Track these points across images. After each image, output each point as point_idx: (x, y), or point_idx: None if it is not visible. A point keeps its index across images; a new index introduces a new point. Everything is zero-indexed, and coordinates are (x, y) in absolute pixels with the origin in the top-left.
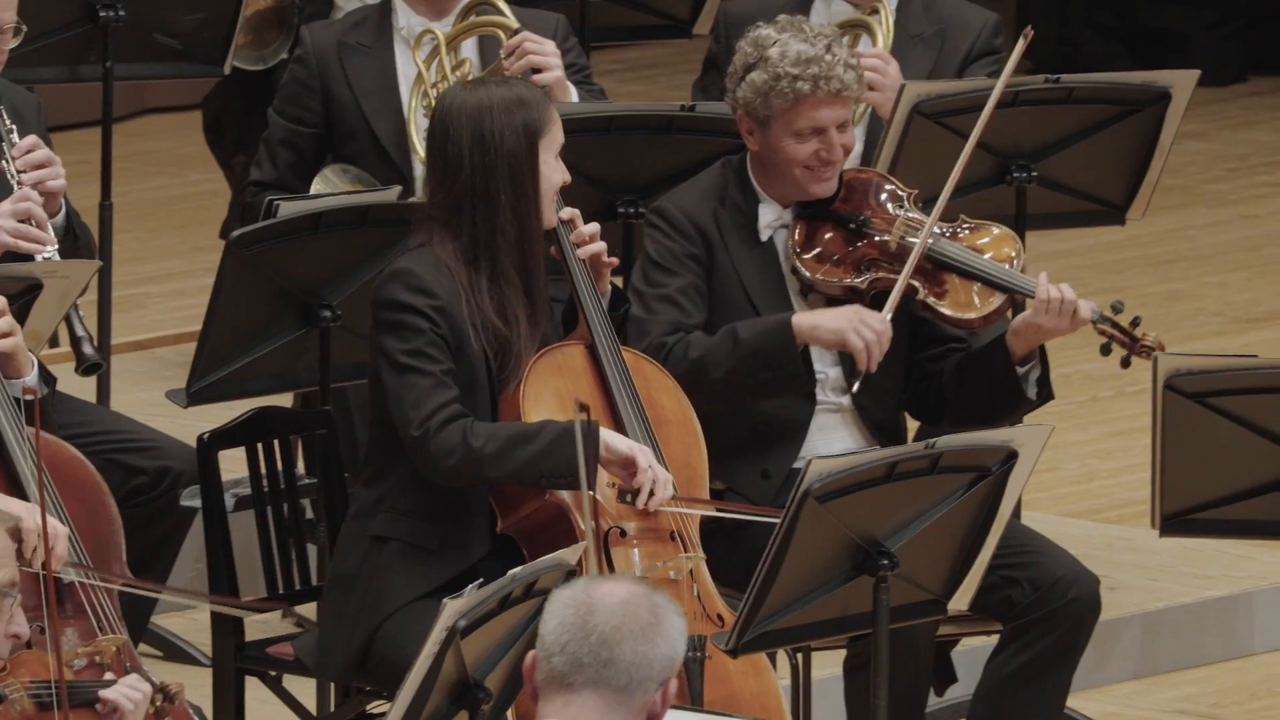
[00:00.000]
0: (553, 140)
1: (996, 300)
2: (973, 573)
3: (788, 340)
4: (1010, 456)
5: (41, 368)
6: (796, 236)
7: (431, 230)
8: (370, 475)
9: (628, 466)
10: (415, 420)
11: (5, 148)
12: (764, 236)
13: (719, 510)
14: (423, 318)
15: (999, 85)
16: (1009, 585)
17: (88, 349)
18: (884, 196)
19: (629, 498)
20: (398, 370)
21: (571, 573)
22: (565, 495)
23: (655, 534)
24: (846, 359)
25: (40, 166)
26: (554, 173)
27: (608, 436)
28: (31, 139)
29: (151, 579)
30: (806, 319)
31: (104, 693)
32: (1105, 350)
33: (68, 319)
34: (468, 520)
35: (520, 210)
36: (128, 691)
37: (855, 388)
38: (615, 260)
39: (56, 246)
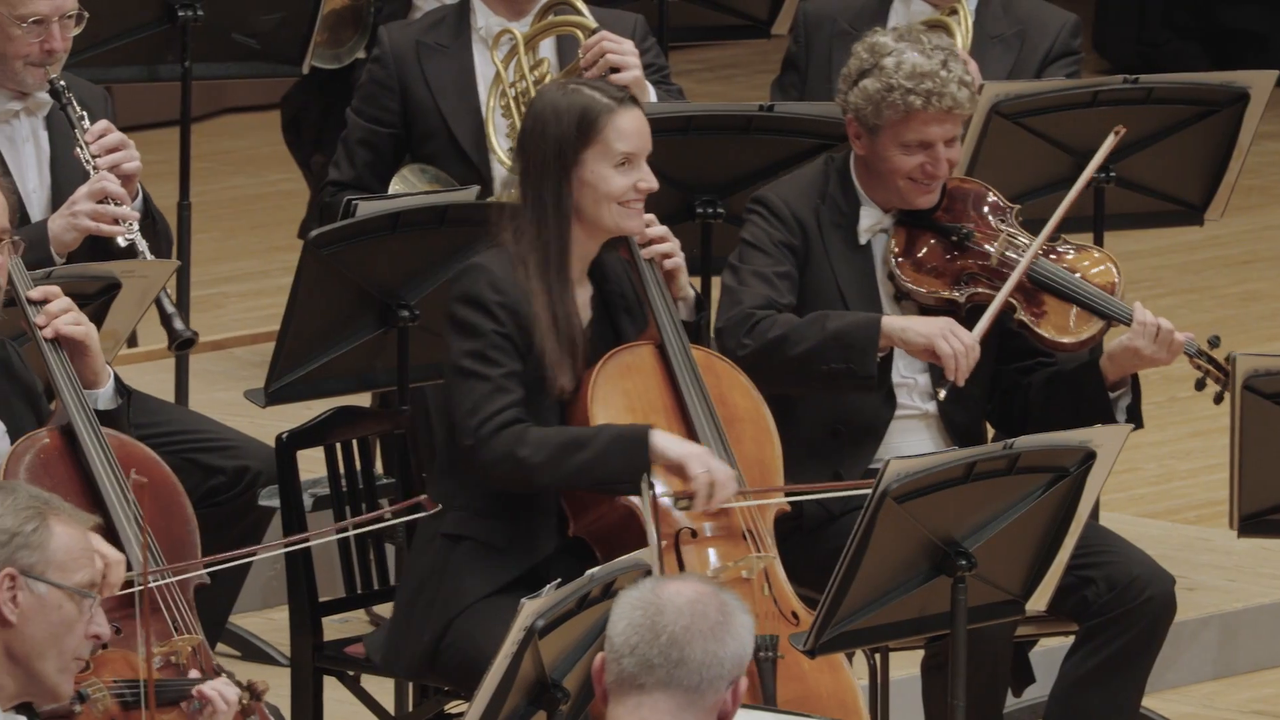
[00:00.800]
0: (605, 149)
1: (1094, 326)
2: (1051, 573)
3: (872, 337)
4: (1088, 457)
5: (117, 379)
6: (896, 243)
7: (513, 225)
8: (441, 473)
9: (679, 472)
10: (469, 428)
11: (78, 134)
12: (863, 240)
13: (786, 496)
14: (489, 316)
15: (1074, 191)
16: (1085, 585)
17: (179, 324)
18: (987, 209)
19: (685, 503)
20: (458, 373)
21: (648, 573)
22: (634, 498)
23: (727, 533)
24: (936, 368)
25: (114, 150)
26: (602, 181)
27: (657, 441)
28: (104, 123)
29: (229, 579)
30: (897, 321)
31: (203, 686)
32: (1200, 385)
33: (157, 300)
34: (536, 518)
35: (541, 217)
36: (225, 690)
37: (942, 396)
38: (681, 261)
39: (137, 228)
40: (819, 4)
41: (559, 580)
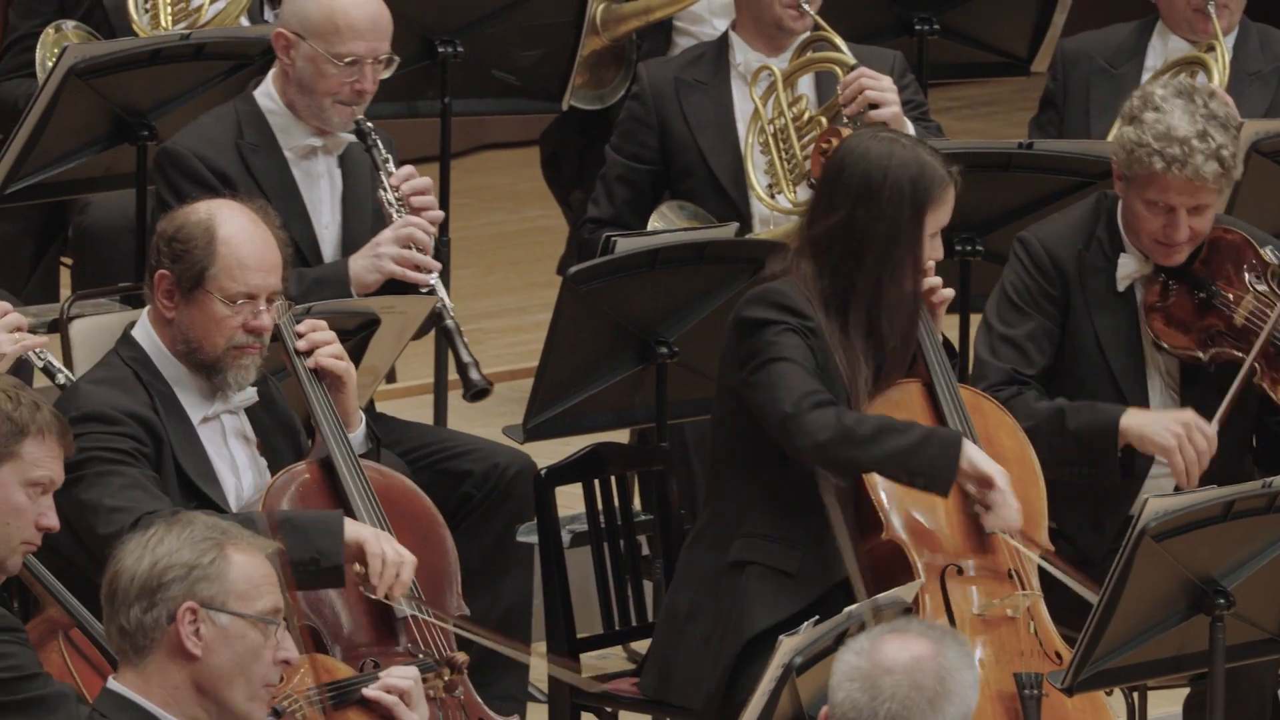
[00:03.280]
0: (936, 217)
1: None
2: None
3: (1110, 443)
4: None
5: (368, 425)
6: (1151, 294)
7: (799, 261)
8: (717, 503)
9: (984, 484)
10: (788, 400)
11: (383, 177)
12: (1121, 287)
13: (1043, 559)
14: (789, 329)
15: None
16: None
17: (475, 374)
18: (1244, 266)
19: (976, 507)
20: (765, 365)
21: (908, 610)
22: (903, 534)
23: (993, 572)
24: None
25: (422, 194)
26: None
27: (970, 451)
28: (408, 168)
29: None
30: (1135, 424)
31: (366, 691)
32: None
33: (452, 343)
34: (827, 542)
35: (883, 273)
36: (394, 683)
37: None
38: (950, 294)
39: (436, 276)
40: (1077, 41)
41: (816, 618)
